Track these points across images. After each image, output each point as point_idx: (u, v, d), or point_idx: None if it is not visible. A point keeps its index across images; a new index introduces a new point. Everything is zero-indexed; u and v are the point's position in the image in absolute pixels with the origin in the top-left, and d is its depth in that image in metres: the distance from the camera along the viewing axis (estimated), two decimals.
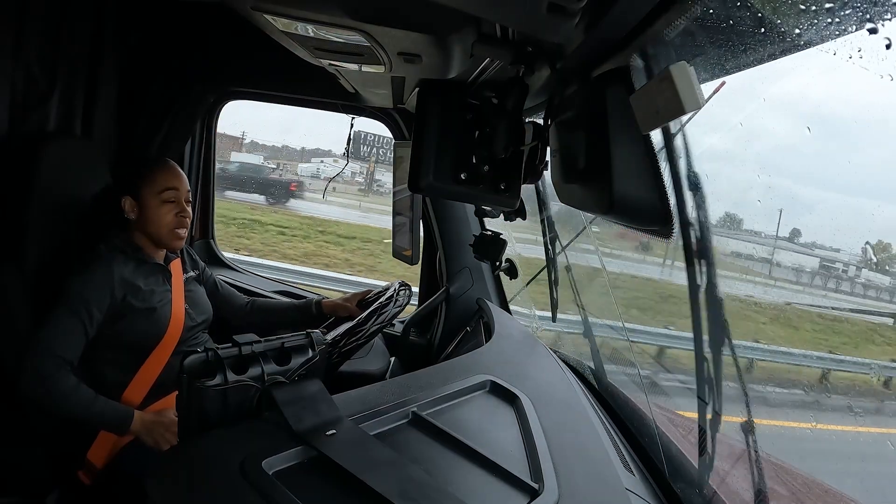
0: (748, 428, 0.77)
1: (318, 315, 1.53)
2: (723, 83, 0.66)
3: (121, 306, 1.22)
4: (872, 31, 0.43)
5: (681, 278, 0.81)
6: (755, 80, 0.62)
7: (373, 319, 1.26)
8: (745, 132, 0.71)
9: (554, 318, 1.48)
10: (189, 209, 1.34)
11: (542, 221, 1.50)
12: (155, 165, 1.32)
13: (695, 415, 0.85)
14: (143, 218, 1.29)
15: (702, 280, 0.79)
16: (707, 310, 0.78)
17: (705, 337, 0.80)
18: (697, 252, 0.79)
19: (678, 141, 0.70)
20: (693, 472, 0.87)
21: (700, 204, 0.71)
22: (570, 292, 1.41)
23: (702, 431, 0.84)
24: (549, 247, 1.47)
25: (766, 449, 0.77)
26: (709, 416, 0.82)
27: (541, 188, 1.46)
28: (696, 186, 0.71)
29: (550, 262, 1.47)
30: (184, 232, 1.33)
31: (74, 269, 1.21)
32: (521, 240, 1.78)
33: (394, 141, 1.78)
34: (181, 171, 1.35)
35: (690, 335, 0.82)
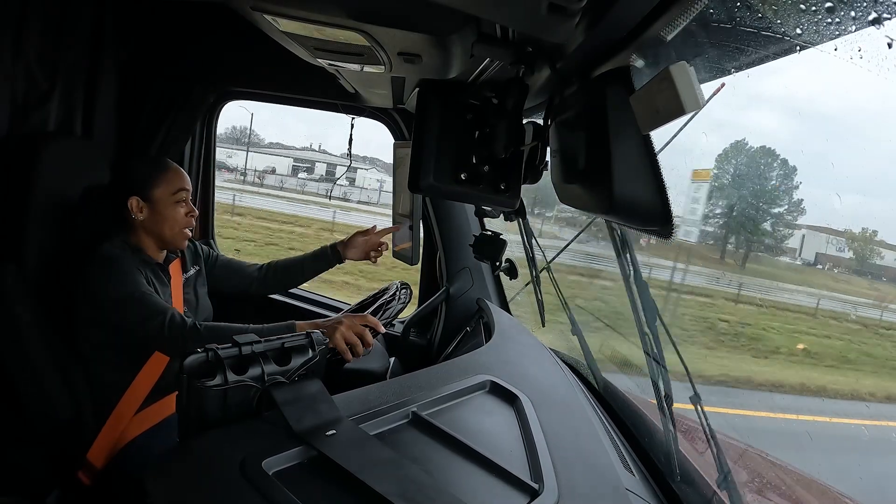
0: (696, 399, 0.84)
1: (334, 258, 1.56)
2: (722, 84, 0.66)
3: None
4: (877, 23, 0.43)
5: None
6: None
7: None
8: None
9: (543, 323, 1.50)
10: (194, 208, 1.36)
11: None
12: (166, 167, 1.33)
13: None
14: (153, 218, 1.30)
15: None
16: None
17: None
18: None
19: None
20: (693, 472, 0.87)
21: None
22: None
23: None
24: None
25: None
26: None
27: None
28: None
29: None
30: (190, 231, 1.35)
31: (100, 281, 1.19)
32: None
33: (394, 141, 1.78)
34: (185, 172, 1.37)
35: None
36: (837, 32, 0.46)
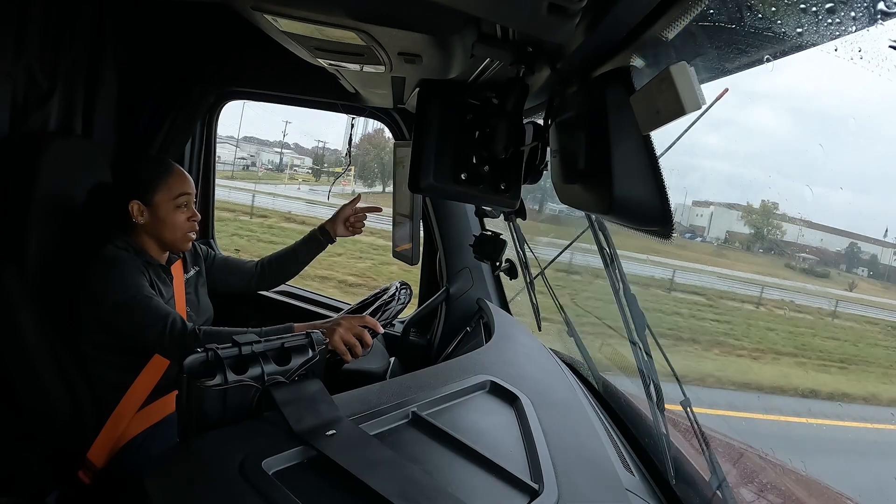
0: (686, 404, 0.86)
1: (325, 240, 1.55)
2: (725, 90, 0.66)
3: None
4: (884, 17, 0.43)
5: None
6: None
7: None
8: None
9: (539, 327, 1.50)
10: (197, 212, 1.35)
11: None
12: (168, 171, 1.31)
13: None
14: (154, 222, 1.29)
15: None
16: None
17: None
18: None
19: None
20: (693, 473, 0.87)
21: None
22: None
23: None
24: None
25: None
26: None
27: None
28: None
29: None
30: (194, 234, 1.35)
31: (102, 283, 1.19)
32: None
33: (393, 141, 1.78)
34: (188, 174, 1.36)
35: None
36: (838, 33, 0.46)
